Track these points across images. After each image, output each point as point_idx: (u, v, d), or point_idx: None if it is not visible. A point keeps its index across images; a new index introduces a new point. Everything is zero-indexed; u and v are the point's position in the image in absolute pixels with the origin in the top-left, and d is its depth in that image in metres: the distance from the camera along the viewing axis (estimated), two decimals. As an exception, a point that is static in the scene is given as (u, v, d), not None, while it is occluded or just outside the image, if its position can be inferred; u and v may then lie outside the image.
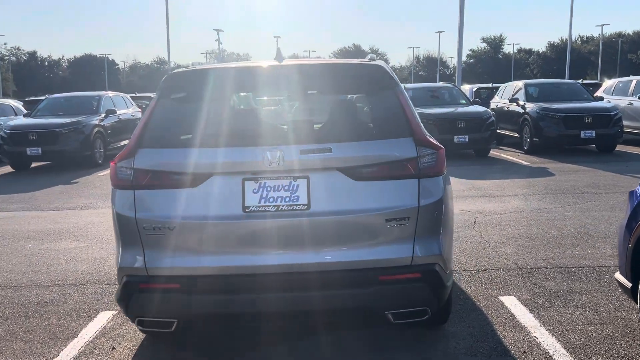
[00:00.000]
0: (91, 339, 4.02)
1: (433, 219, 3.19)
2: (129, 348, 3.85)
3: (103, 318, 4.38)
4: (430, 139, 3.31)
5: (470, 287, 4.81)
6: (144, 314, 3.21)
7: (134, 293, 3.16)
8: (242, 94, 7.19)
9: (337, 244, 3.13)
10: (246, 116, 3.60)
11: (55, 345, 3.95)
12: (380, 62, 3.72)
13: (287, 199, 3.13)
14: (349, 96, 3.69)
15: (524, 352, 3.62)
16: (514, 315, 4.18)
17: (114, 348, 3.86)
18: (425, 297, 3.15)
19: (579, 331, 3.90)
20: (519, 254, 5.70)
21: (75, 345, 3.92)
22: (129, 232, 3.19)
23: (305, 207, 3.13)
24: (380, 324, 3.87)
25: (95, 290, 5.04)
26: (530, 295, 4.57)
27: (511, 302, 4.43)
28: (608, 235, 6.32)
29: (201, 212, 3.13)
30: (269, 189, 3.14)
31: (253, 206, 3.13)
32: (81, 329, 4.19)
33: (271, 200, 3.13)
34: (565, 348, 3.66)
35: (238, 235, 3.14)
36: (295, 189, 3.14)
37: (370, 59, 3.82)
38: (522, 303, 4.41)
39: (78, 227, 7.53)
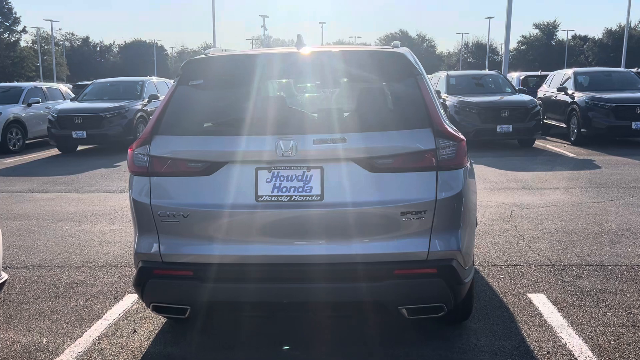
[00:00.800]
0: (115, 321, 4.10)
1: (452, 213, 3.07)
2: (150, 331, 3.91)
3: (128, 301, 4.46)
4: (451, 130, 3.19)
5: (498, 282, 4.67)
6: (158, 300, 3.24)
7: (148, 278, 3.19)
8: (283, 80, 7.15)
9: (351, 237, 3.06)
10: (265, 104, 3.56)
11: (80, 325, 4.05)
12: (403, 49, 3.60)
13: (300, 189, 3.08)
14: (370, 85, 3.58)
15: (548, 352, 3.49)
16: (540, 314, 4.03)
17: (135, 331, 3.92)
18: (441, 293, 3.05)
19: (608, 333, 3.73)
20: (554, 250, 5.49)
21: (99, 327, 4.01)
22: (145, 218, 3.21)
23: (319, 198, 3.07)
24: (398, 318, 3.80)
25: (123, 272, 5.14)
26: (560, 294, 4.40)
27: (539, 300, 4.27)
28: (651, 232, 6.02)
29: (214, 200, 3.12)
30: (282, 178, 3.10)
31: (266, 196, 3.09)
32: (106, 311, 4.28)
33: (284, 190, 3.09)
34: (592, 350, 3.50)
35: (250, 224, 3.11)
36: (308, 179, 3.08)
37: (394, 46, 3.70)
38: (551, 301, 4.25)
39: (115, 210, 7.71)
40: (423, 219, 3.02)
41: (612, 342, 3.60)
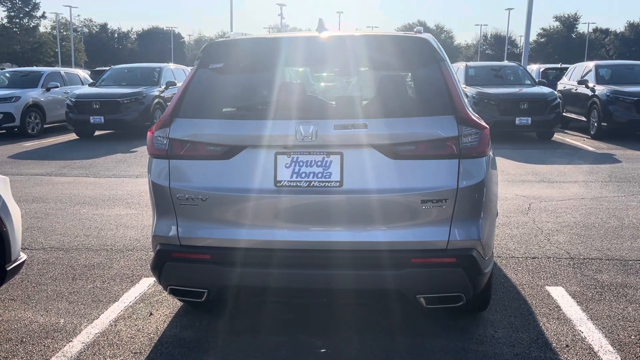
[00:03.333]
0: (131, 303, 4.12)
1: (473, 202, 3.03)
2: (166, 315, 3.92)
3: (144, 284, 4.48)
4: (474, 118, 3.13)
5: (516, 274, 4.61)
6: (176, 283, 3.24)
7: (166, 261, 3.19)
8: (300, 69, 7.11)
9: (369, 224, 3.04)
10: (285, 89, 3.53)
11: (97, 307, 4.07)
12: (427, 35, 3.54)
13: (320, 175, 3.05)
14: (393, 71, 3.52)
15: (567, 345, 3.44)
16: (559, 307, 3.98)
17: (151, 314, 3.94)
18: (460, 283, 3.01)
19: (629, 328, 3.66)
20: (573, 243, 5.42)
21: (115, 309, 4.03)
22: (164, 201, 3.20)
23: (338, 184, 3.04)
24: (416, 309, 3.77)
25: (140, 256, 5.16)
26: (579, 287, 4.34)
27: (558, 293, 4.22)
28: (673, 228, 5.91)
29: (233, 184, 3.10)
30: (301, 164, 3.07)
31: (285, 181, 3.07)
32: (123, 294, 4.30)
33: (303, 175, 3.06)
34: (612, 345, 3.44)
35: (268, 209, 3.09)
36: (328, 165, 3.05)
37: (417, 32, 3.64)
38: (570, 294, 4.19)
39: (131, 194, 7.75)
40: (444, 207, 2.97)
41: (633, 337, 3.54)
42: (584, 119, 14.27)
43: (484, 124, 3.13)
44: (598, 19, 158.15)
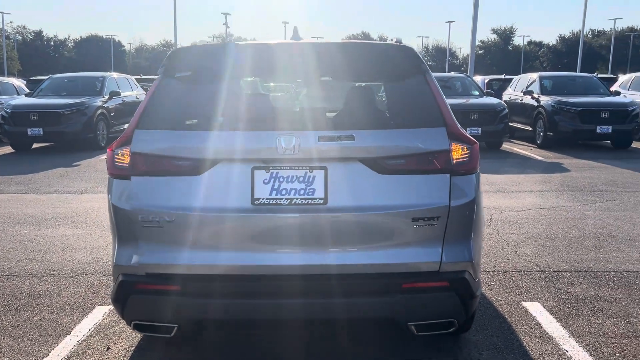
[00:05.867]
0: (85, 337, 3.74)
1: (464, 221, 2.87)
2: (125, 349, 3.56)
3: (99, 313, 4.09)
4: (464, 132, 2.98)
5: (490, 290, 4.51)
6: (141, 318, 2.91)
7: (130, 294, 2.86)
8: (249, 79, 6.84)
9: (356, 244, 2.82)
10: (258, 99, 3.28)
11: (45, 343, 3.67)
12: (408, 45, 3.38)
13: (302, 191, 2.80)
14: (377, 81, 3.34)
15: (554, 366, 3.33)
16: (539, 324, 3.88)
17: (108, 348, 3.57)
18: (453, 308, 2.84)
19: (612, 344, 3.59)
20: (540, 256, 5.38)
21: (68, 344, 3.64)
22: (126, 226, 2.88)
23: (322, 201, 2.81)
24: (396, 331, 3.57)
25: (91, 281, 4.75)
26: (555, 302, 4.26)
27: (536, 309, 4.13)
28: (633, 237, 6.00)
29: (204, 203, 2.82)
30: (281, 179, 2.82)
31: (263, 198, 2.81)
32: (75, 325, 3.91)
33: (284, 192, 2.81)
34: (598, 363, 3.36)
35: (245, 230, 2.83)
36: (311, 180, 2.81)
37: (397, 41, 3.47)
38: (547, 310, 4.11)
39: (77, 212, 7.25)
40: (435, 226, 2.80)
41: (617, 354, 3.47)
42: (530, 128, 14.62)
43: (473, 139, 2.98)
44: (532, 32, 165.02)
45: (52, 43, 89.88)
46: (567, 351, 3.50)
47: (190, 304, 2.79)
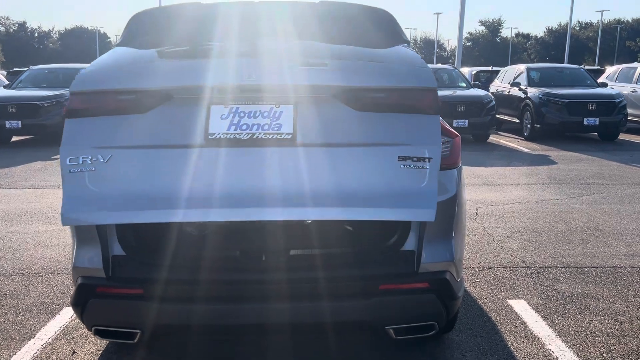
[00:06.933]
0: (50, 340, 3.55)
1: (445, 219, 2.71)
2: (92, 353, 3.38)
3: (66, 315, 3.90)
4: (445, 125, 2.82)
5: (475, 287, 4.37)
6: (102, 323, 2.72)
7: (89, 298, 2.66)
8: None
9: (329, 191, 2.38)
10: (219, 29, 2.96)
11: (7, 347, 3.48)
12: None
13: (266, 127, 2.43)
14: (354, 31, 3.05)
15: (539, 368, 3.20)
16: (525, 323, 3.75)
17: (74, 352, 3.39)
18: (434, 311, 2.68)
19: (599, 344, 3.47)
20: (526, 251, 5.26)
21: (31, 348, 3.45)
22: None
23: (290, 136, 2.41)
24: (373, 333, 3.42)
25: (61, 281, 4.56)
26: (541, 300, 4.14)
27: (521, 307, 4.00)
28: (620, 231, 5.90)
29: (148, 141, 2.45)
30: (242, 114, 2.44)
31: (219, 133, 2.41)
32: (40, 328, 3.72)
33: (244, 127, 2.43)
34: (585, 365, 3.23)
35: (195, 169, 2.37)
36: (277, 116, 2.44)
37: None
38: (533, 308, 3.98)
39: (52, 208, 7.02)
40: (426, 170, 2.43)
41: (604, 354, 3.35)
42: (517, 120, 14.53)
43: (454, 132, 2.82)
44: (520, 23, 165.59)
45: (36, 34, 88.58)
46: (553, 352, 3.37)
47: (153, 309, 2.60)
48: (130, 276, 2.67)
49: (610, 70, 17.59)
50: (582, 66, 18.15)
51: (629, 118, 14.17)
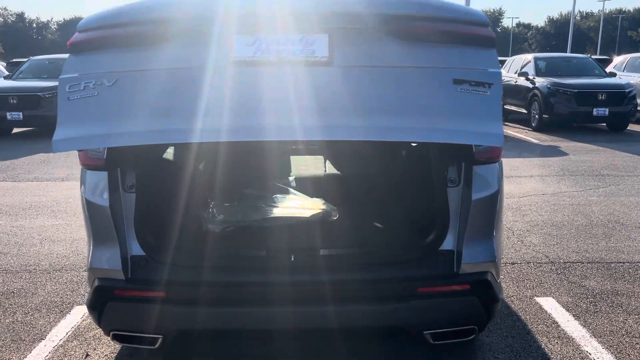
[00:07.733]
0: (61, 342, 3.40)
1: (487, 216, 2.54)
2: (106, 355, 3.23)
3: (77, 315, 3.74)
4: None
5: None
6: (120, 328, 2.56)
7: (107, 301, 2.51)
8: None
9: (373, 108, 2.19)
10: None
11: (17, 349, 3.32)
12: None
13: (298, 52, 2.23)
14: None
15: (578, 372, 3.04)
16: (556, 323, 3.59)
17: (87, 355, 3.24)
18: (474, 314, 2.52)
19: (637, 345, 3.32)
20: (548, 245, 5.10)
21: (42, 351, 3.30)
22: (102, 223, 2.50)
23: (326, 59, 2.22)
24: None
25: (70, 278, 4.40)
26: (570, 297, 3.98)
27: (550, 305, 3.84)
28: (642, 224, 5.74)
29: (163, 65, 2.27)
30: (270, 42, 2.24)
31: (245, 56, 2.22)
32: (51, 329, 3.56)
33: (273, 52, 2.24)
34: (625, 367, 3.08)
35: (220, 91, 2.19)
36: (310, 43, 2.24)
37: None
38: (562, 306, 3.83)
39: (57, 201, 6.85)
40: (487, 95, 2.31)
41: (644, 356, 3.20)
42: (524, 111, 14.33)
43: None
44: (521, 13, 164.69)
45: (34, 25, 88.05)
46: (590, 354, 3.22)
47: (176, 313, 2.44)
48: (151, 278, 2.50)
49: (617, 59, 17.37)
50: (589, 55, 17.90)
51: (639, 108, 13.98)
